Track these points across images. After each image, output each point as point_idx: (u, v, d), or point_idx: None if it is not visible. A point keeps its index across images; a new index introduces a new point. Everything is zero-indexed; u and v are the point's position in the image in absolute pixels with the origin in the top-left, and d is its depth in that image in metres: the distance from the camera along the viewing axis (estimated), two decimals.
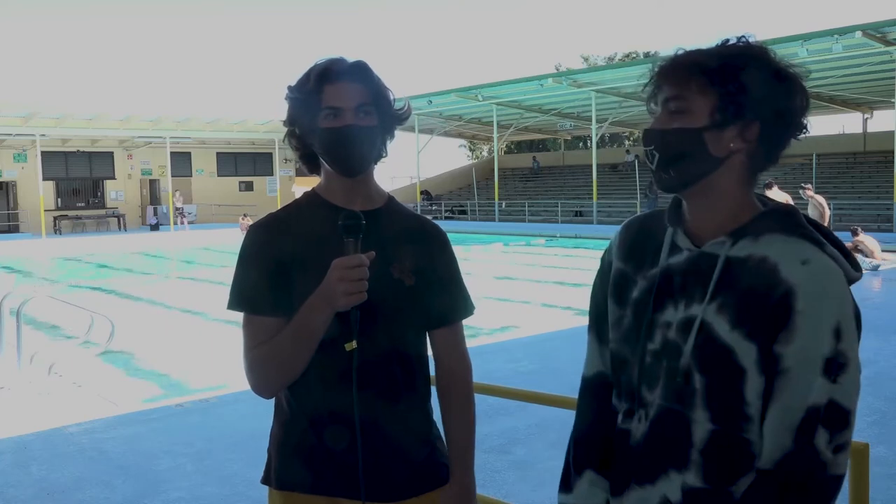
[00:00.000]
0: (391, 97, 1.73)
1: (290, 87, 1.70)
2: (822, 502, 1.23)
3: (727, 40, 1.33)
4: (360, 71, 1.67)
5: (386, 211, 1.76)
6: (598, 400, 1.55)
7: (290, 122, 1.72)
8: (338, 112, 1.64)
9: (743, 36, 1.33)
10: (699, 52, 1.33)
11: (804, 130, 1.33)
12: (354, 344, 1.59)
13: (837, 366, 1.21)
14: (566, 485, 1.56)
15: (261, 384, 1.68)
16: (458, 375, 1.80)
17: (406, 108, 1.77)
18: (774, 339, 1.23)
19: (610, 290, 1.50)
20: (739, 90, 1.27)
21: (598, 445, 1.52)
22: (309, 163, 1.77)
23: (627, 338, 1.43)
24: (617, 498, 1.46)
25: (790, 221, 1.31)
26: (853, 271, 1.29)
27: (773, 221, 1.31)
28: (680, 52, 1.35)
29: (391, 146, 1.79)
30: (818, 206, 13.48)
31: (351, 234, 1.55)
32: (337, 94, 1.64)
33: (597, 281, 1.56)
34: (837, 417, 1.21)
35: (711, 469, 1.30)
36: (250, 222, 24.87)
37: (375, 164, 1.77)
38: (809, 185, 14.35)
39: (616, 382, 1.49)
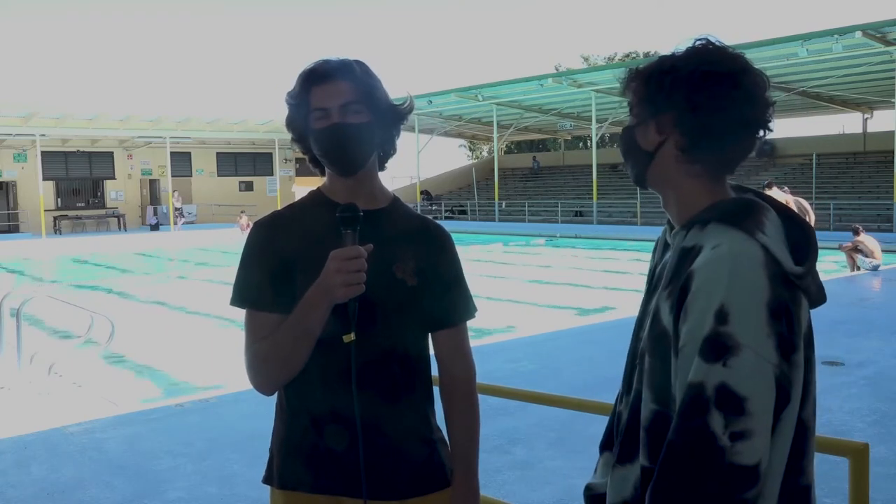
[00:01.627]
0: (383, 93, 1.72)
1: (287, 93, 1.73)
2: (727, 491, 1.21)
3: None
4: (344, 69, 1.68)
5: (390, 211, 1.76)
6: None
7: (288, 125, 1.75)
8: (325, 112, 1.66)
9: (705, 37, 1.38)
10: (650, 59, 1.44)
11: (748, 126, 1.36)
12: (353, 336, 1.59)
13: (721, 348, 1.21)
14: (595, 469, 1.64)
15: (260, 380, 1.68)
16: (460, 377, 1.80)
17: (407, 104, 1.77)
18: (679, 319, 1.29)
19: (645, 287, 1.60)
20: (657, 87, 1.37)
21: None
22: (317, 164, 1.78)
23: (635, 328, 1.52)
24: None
25: (730, 211, 1.34)
26: (791, 264, 1.28)
27: (716, 212, 1.35)
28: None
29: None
30: (801, 209, 13.48)
31: (348, 225, 1.55)
32: (323, 95, 1.66)
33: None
34: (731, 403, 1.21)
35: (654, 448, 1.33)
36: (248, 221, 24.97)
37: (385, 162, 1.78)
38: (786, 187, 14.33)
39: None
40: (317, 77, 1.66)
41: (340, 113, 1.65)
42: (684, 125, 1.36)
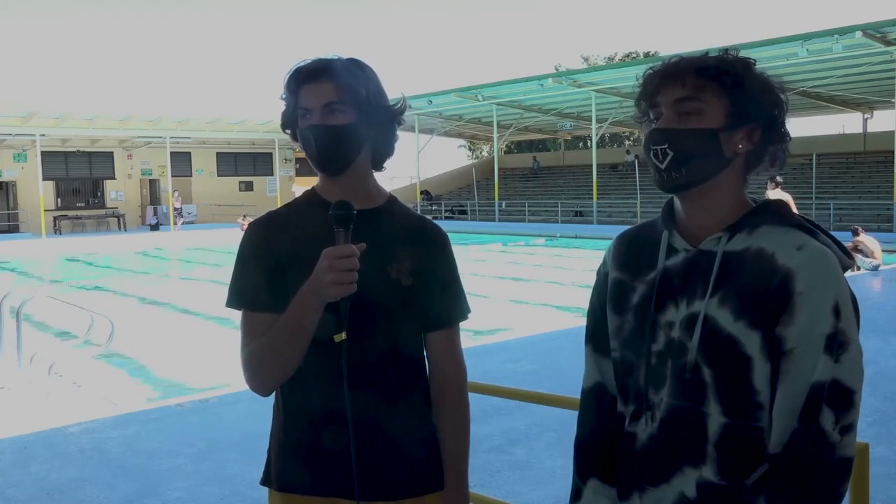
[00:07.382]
0: (375, 93, 1.69)
1: (281, 91, 1.72)
2: (833, 485, 1.22)
3: (712, 52, 1.41)
4: (328, 69, 1.65)
5: (385, 210, 1.75)
6: (597, 410, 1.57)
7: (282, 124, 1.75)
8: (309, 112, 1.65)
9: (727, 50, 1.40)
10: (706, 57, 1.38)
11: (787, 138, 1.42)
12: (343, 335, 1.58)
13: (839, 344, 1.24)
14: (574, 496, 1.58)
15: (256, 380, 1.66)
16: (451, 380, 1.77)
17: (401, 104, 1.75)
18: (776, 322, 1.27)
19: (608, 299, 1.53)
20: (747, 96, 1.35)
21: (600, 453, 1.54)
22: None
23: (630, 343, 1.46)
24: (624, 502, 1.46)
25: (782, 214, 1.37)
26: (845, 258, 1.34)
27: (766, 215, 1.37)
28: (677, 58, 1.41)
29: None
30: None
31: (341, 224, 1.53)
32: (307, 95, 1.65)
33: (593, 295, 1.59)
34: (842, 397, 1.23)
35: (726, 462, 1.32)
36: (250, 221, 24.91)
37: (381, 162, 1.76)
38: (771, 180, 14.21)
39: (622, 388, 1.50)
40: (302, 77, 1.66)
41: (322, 113, 1.64)
42: (767, 139, 1.38)
